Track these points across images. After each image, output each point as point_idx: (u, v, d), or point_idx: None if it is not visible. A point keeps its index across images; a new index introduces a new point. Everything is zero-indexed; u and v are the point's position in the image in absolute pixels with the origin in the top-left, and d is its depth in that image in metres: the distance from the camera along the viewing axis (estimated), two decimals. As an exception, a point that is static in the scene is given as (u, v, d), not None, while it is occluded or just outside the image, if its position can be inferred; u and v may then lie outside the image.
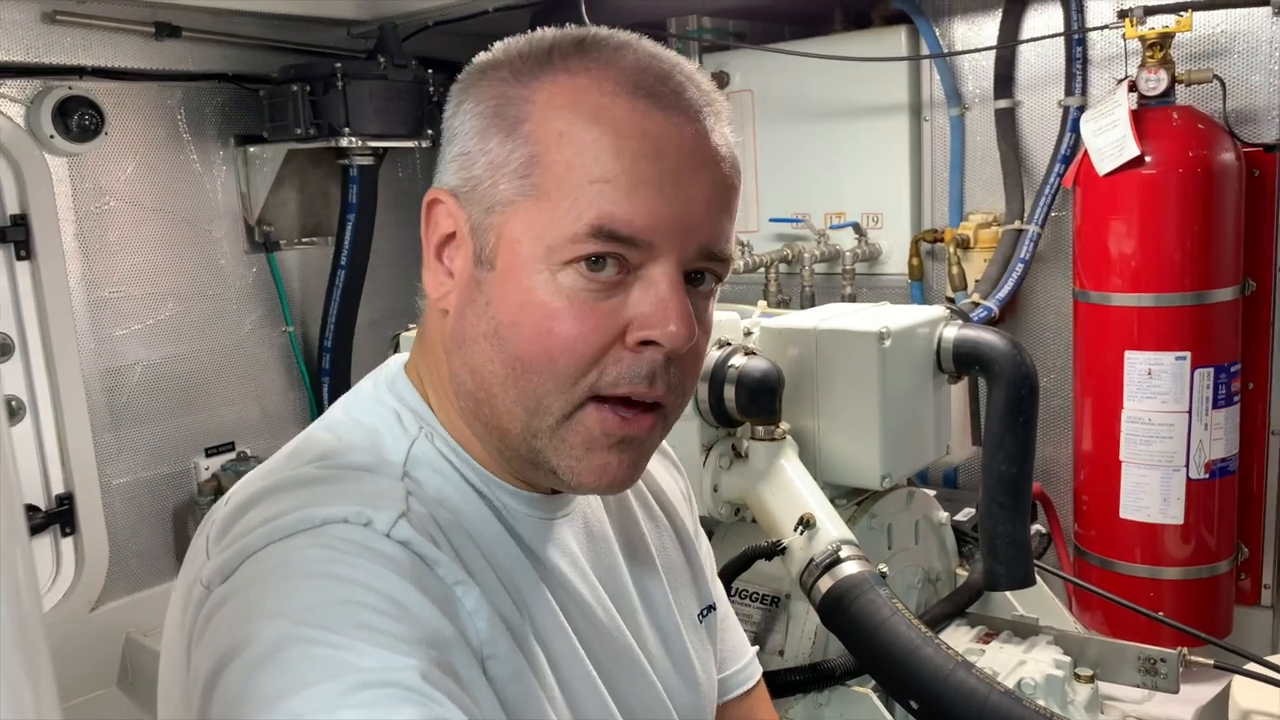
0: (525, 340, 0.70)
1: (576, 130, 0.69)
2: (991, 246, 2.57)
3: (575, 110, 0.69)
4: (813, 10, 2.94)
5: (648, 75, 0.71)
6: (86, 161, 2.59)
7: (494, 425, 0.74)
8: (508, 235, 0.71)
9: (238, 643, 0.61)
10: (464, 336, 0.74)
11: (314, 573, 0.63)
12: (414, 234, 0.78)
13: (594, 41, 0.73)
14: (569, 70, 0.71)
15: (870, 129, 2.80)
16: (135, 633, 2.72)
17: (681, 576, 0.96)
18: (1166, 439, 2.10)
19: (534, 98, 0.71)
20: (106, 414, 2.69)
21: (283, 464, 0.75)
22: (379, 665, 0.58)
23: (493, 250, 0.71)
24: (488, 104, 0.73)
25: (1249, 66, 2.24)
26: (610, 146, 0.68)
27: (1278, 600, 2.35)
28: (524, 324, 0.70)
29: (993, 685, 1.18)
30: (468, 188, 0.73)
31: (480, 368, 0.73)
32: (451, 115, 0.76)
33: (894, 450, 1.53)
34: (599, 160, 0.68)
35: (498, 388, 0.72)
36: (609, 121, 0.69)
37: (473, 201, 0.73)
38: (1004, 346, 1.53)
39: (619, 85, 0.70)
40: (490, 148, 0.71)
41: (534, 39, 0.75)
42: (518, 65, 0.73)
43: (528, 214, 0.70)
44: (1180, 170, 2.05)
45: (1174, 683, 1.52)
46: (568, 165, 0.69)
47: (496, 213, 0.71)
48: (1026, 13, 2.53)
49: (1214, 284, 2.08)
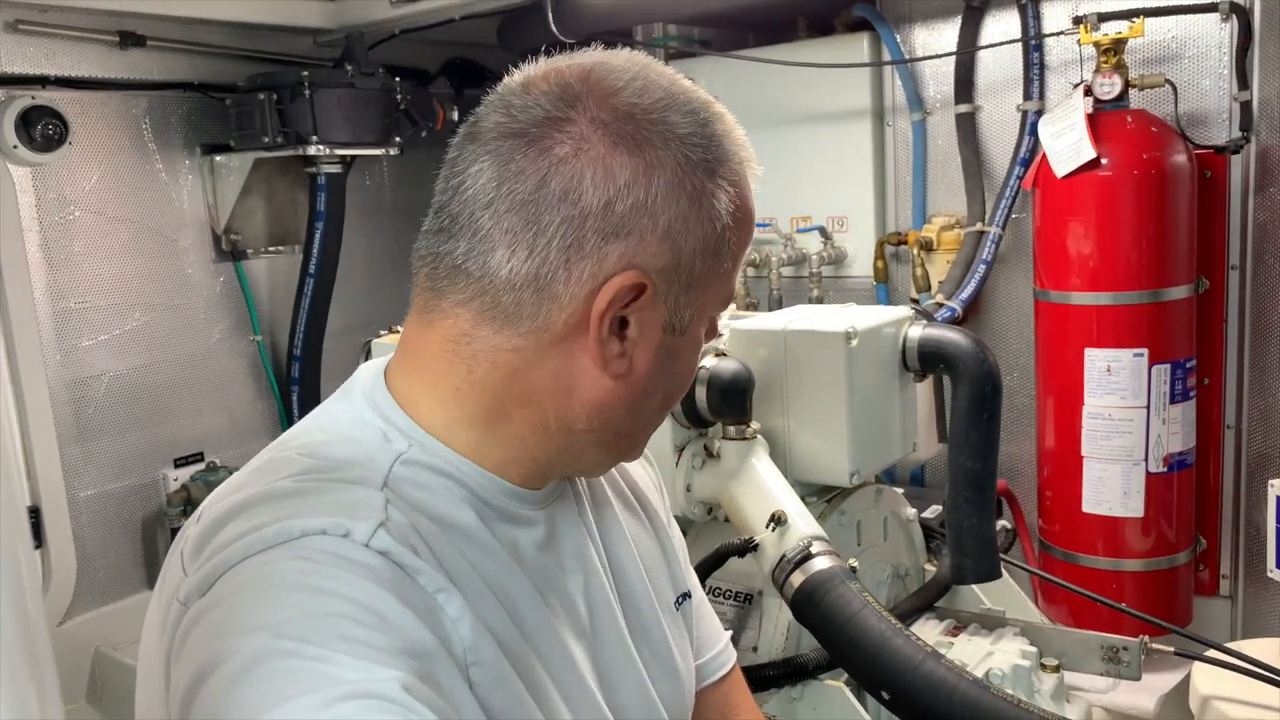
0: (685, 382, 0.84)
1: (745, 222, 0.79)
2: (954, 248, 2.62)
3: (746, 204, 0.78)
4: (776, 18, 2.97)
5: (749, 152, 0.80)
6: (50, 171, 2.57)
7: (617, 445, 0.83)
8: (700, 306, 0.78)
9: (217, 656, 0.60)
10: (645, 395, 0.79)
11: (293, 585, 0.63)
12: (383, 241, 0.78)
13: (723, 120, 0.79)
14: (736, 160, 0.78)
15: (834, 134, 2.84)
16: (104, 646, 2.69)
17: (657, 565, 0.97)
18: (1126, 434, 2.16)
19: (726, 190, 0.76)
20: (73, 425, 2.67)
21: (253, 479, 0.74)
22: (360, 677, 0.58)
23: (689, 321, 0.78)
24: (686, 190, 0.74)
25: (1199, 71, 2.30)
26: (752, 230, 0.81)
27: (1236, 590, 2.41)
28: (688, 372, 0.83)
29: (961, 674, 1.21)
30: (673, 267, 0.75)
31: (645, 411, 0.81)
32: (630, 186, 0.72)
33: (862, 448, 1.56)
34: (748, 240, 0.81)
35: (648, 420, 0.84)
36: (753, 210, 0.81)
37: (676, 279, 0.75)
38: (967, 345, 1.57)
39: (749, 171, 0.79)
40: (699, 234, 0.75)
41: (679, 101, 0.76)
42: (699, 150, 0.75)
43: (713, 287, 0.79)
44: (1135, 172, 2.11)
45: (1136, 670, 1.56)
46: (741, 247, 0.80)
47: (695, 290, 0.77)
48: (985, 19, 2.58)
49: (1169, 282, 2.14)
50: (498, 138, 0.73)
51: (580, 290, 0.72)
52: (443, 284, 0.76)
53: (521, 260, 0.72)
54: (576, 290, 0.72)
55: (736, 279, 0.82)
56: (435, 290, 0.77)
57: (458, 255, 0.74)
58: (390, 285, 3.31)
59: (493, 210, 0.72)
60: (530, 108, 0.73)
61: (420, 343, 0.79)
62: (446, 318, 0.76)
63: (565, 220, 0.71)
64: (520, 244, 0.72)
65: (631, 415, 0.80)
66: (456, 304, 0.76)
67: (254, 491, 0.72)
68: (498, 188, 0.72)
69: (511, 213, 0.72)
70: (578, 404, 0.77)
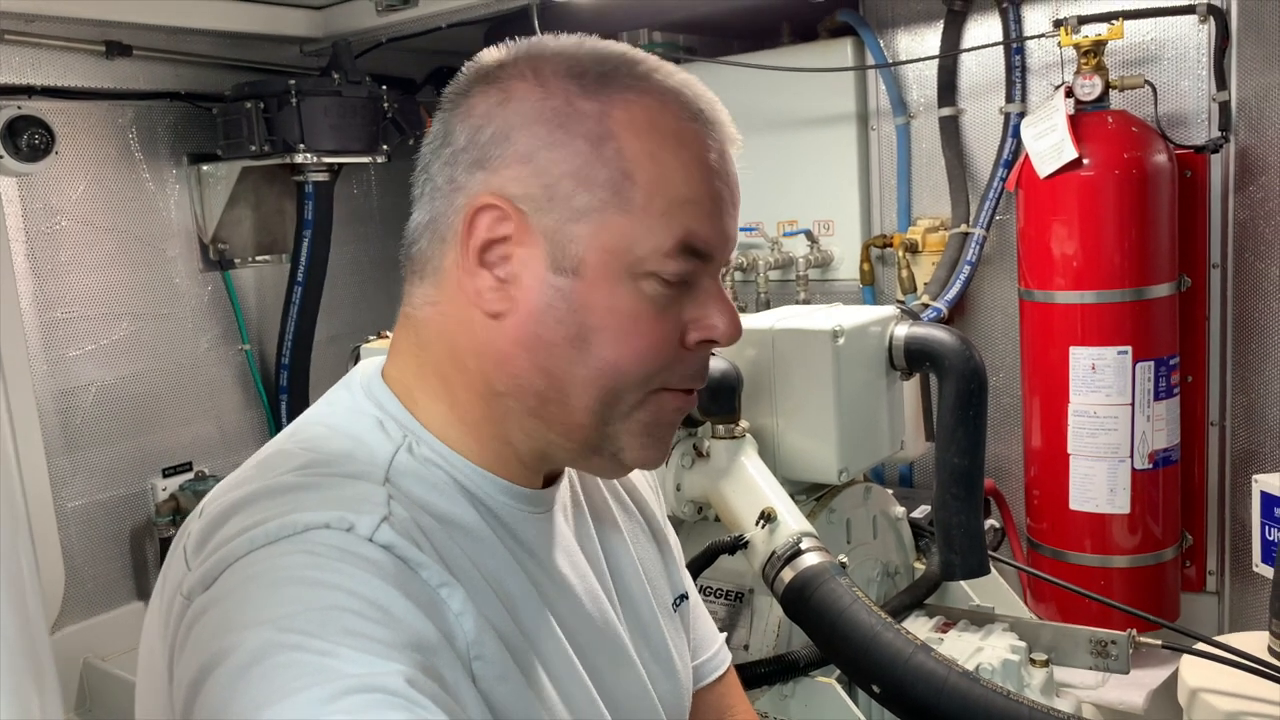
0: (614, 344, 0.74)
1: (665, 153, 0.74)
2: (939, 250, 2.64)
3: (660, 133, 0.74)
4: (761, 25, 3.00)
5: (700, 101, 0.77)
6: (37, 181, 2.57)
7: (561, 421, 0.77)
8: (595, 245, 0.73)
9: (221, 651, 0.60)
10: (539, 341, 0.74)
11: (297, 579, 0.63)
12: (370, 249, 0.80)
13: (636, 60, 0.77)
14: (636, 89, 0.75)
15: (819, 139, 2.86)
16: (93, 657, 2.68)
17: (655, 566, 0.97)
18: (1111, 431, 2.18)
19: (612, 113, 0.73)
20: (60, 436, 2.66)
21: (255, 474, 0.75)
22: (364, 671, 0.58)
23: (578, 259, 0.73)
24: (555, 112, 0.73)
25: (1178, 72, 2.33)
26: (695, 170, 0.75)
27: (1222, 586, 2.43)
28: (612, 329, 0.74)
29: (951, 667, 1.21)
30: (540, 195, 0.73)
31: (559, 369, 0.75)
32: (485, 117, 0.75)
33: (850, 445, 1.57)
34: (687, 182, 0.74)
35: (579, 388, 0.75)
36: (691, 146, 0.75)
37: (546, 210, 0.73)
38: (953, 342, 1.58)
39: (684, 109, 0.76)
40: (569, 158, 0.73)
41: (571, 49, 0.76)
42: (579, 77, 0.74)
43: (617, 226, 0.73)
44: (1117, 172, 2.13)
45: (1124, 664, 1.57)
46: (659, 184, 0.73)
47: (580, 222, 0.73)
48: (967, 23, 2.61)
49: (1152, 280, 2.16)
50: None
51: (456, 225, 0.76)
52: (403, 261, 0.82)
53: (424, 210, 0.78)
54: (456, 228, 0.76)
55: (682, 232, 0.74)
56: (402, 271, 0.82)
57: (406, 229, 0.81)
58: (378, 293, 3.32)
59: (413, 180, 0.80)
60: (450, 90, 0.80)
61: (397, 326, 0.83)
62: (405, 292, 0.82)
63: (445, 162, 0.76)
64: (423, 196, 0.79)
65: (542, 373, 0.75)
66: (406, 274, 0.81)
67: (257, 486, 0.72)
68: (420, 157, 0.80)
69: (418, 175, 0.79)
70: (488, 358, 0.77)
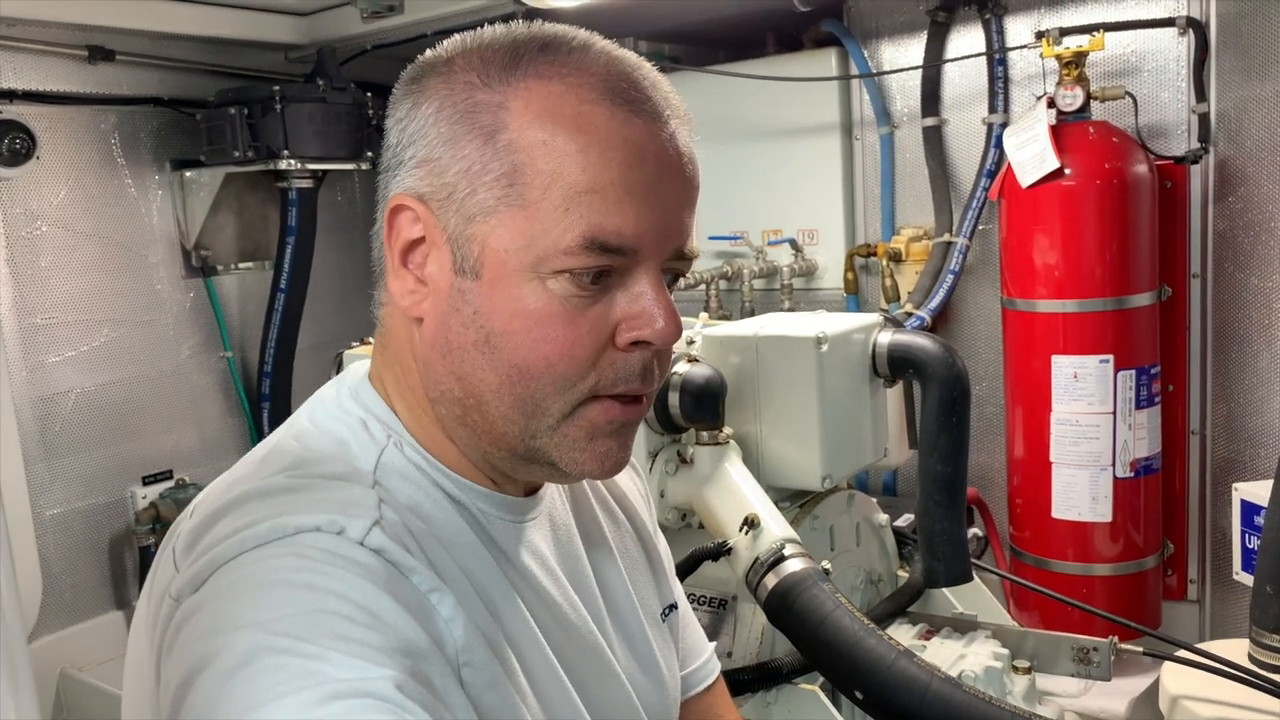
0: (521, 348, 0.70)
1: (560, 139, 0.69)
2: (922, 259, 2.65)
3: (556, 119, 0.69)
4: (746, 34, 3.01)
5: (620, 80, 0.71)
6: (17, 186, 2.55)
7: (485, 430, 0.74)
8: (493, 245, 0.70)
9: (209, 653, 0.60)
10: (449, 346, 0.73)
11: (287, 582, 0.63)
12: (354, 256, 0.80)
13: (558, 41, 0.72)
14: (541, 75, 0.70)
15: (804, 148, 2.88)
16: (70, 668, 2.65)
17: (644, 576, 0.97)
18: (1093, 439, 2.19)
19: (509, 104, 0.70)
20: (39, 443, 2.63)
21: (252, 473, 0.74)
22: (353, 675, 0.58)
23: (478, 260, 0.71)
24: (455, 108, 0.71)
25: (1158, 84, 2.36)
26: (597, 156, 0.69)
27: (1203, 594, 2.44)
28: (517, 332, 0.70)
29: (934, 672, 1.21)
30: (441, 195, 0.71)
31: (470, 375, 0.72)
32: (405, 118, 0.74)
33: (834, 452, 1.57)
34: (586, 170, 0.68)
35: (491, 395, 0.72)
36: (592, 130, 0.69)
37: (447, 209, 0.71)
38: (936, 349, 1.59)
39: (595, 91, 0.70)
40: (465, 154, 0.70)
41: (491, 39, 0.74)
42: (479, 68, 0.72)
43: (514, 223, 0.69)
44: (1098, 181, 2.15)
45: (1107, 670, 1.58)
46: (554, 175, 0.69)
47: (478, 221, 0.70)
48: (950, 34, 2.63)
49: (1133, 289, 2.18)
50: None
51: (384, 227, 0.76)
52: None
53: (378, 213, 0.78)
54: (383, 228, 0.76)
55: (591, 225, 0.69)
56: None
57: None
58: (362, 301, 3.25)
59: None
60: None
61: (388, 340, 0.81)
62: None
63: (383, 168, 0.77)
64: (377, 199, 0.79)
65: (455, 378, 0.73)
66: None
67: (247, 488, 0.71)
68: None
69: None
70: (418, 362, 0.77)
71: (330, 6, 2.86)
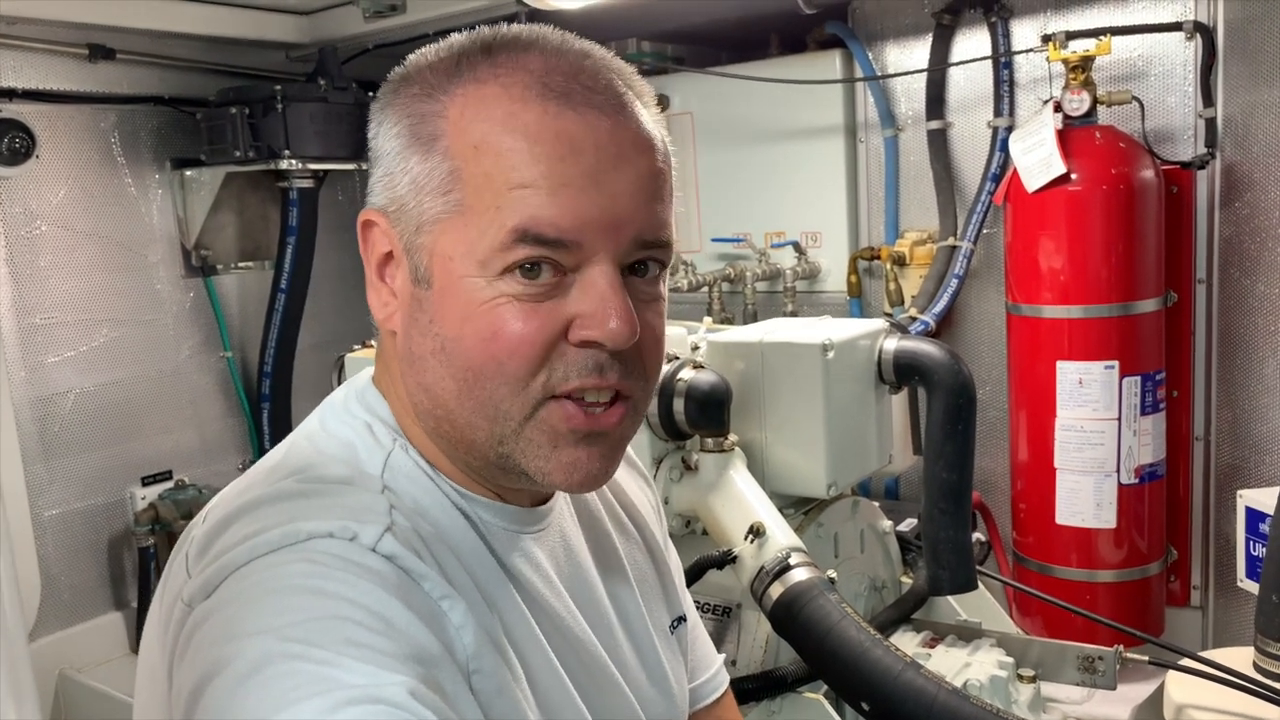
0: (471, 351, 0.70)
1: (490, 140, 0.69)
2: (927, 263, 2.64)
3: (488, 121, 0.69)
4: (749, 36, 3.00)
5: (556, 74, 0.70)
6: (17, 185, 2.54)
7: (458, 439, 0.74)
8: (440, 252, 0.71)
9: (221, 659, 0.60)
10: (413, 356, 0.74)
11: (299, 588, 0.63)
12: (355, 256, 0.79)
13: (501, 43, 0.72)
14: (477, 79, 0.71)
15: (808, 150, 2.86)
16: (69, 669, 2.64)
17: (653, 589, 0.96)
18: (1098, 445, 2.18)
19: (447, 112, 0.71)
20: (38, 443, 2.62)
21: (264, 478, 0.74)
22: (366, 682, 0.58)
23: (428, 269, 0.72)
24: (404, 122, 0.73)
25: (1165, 88, 2.35)
26: (525, 152, 0.68)
27: (1206, 601, 2.43)
28: (468, 335, 0.70)
29: (941, 684, 1.20)
30: (395, 208, 0.73)
31: (433, 385, 0.73)
32: (374, 135, 0.76)
33: (839, 459, 1.56)
34: (516, 168, 0.68)
35: (454, 402, 0.72)
36: (521, 128, 0.69)
37: (402, 221, 0.73)
38: (942, 356, 1.58)
39: (528, 89, 0.69)
40: (411, 166, 0.72)
41: (444, 48, 0.75)
42: (428, 79, 0.73)
43: (455, 230, 0.70)
44: (1104, 186, 2.14)
45: (1112, 680, 1.57)
46: (486, 176, 0.69)
47: (426, 231, 0.71)
48: (956, 37, 2.61)
49: (1138, 295, 2.17)
50: None
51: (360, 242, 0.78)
52: None
53: None
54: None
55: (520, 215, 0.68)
56: None
57: None
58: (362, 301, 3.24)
59: None
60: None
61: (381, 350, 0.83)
62: None
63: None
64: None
65: (424, 390, 0.74)
66: None
67: (260, 493, 0.71)
68: None
69: None
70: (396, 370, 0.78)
71: (332, 6, 2.85)
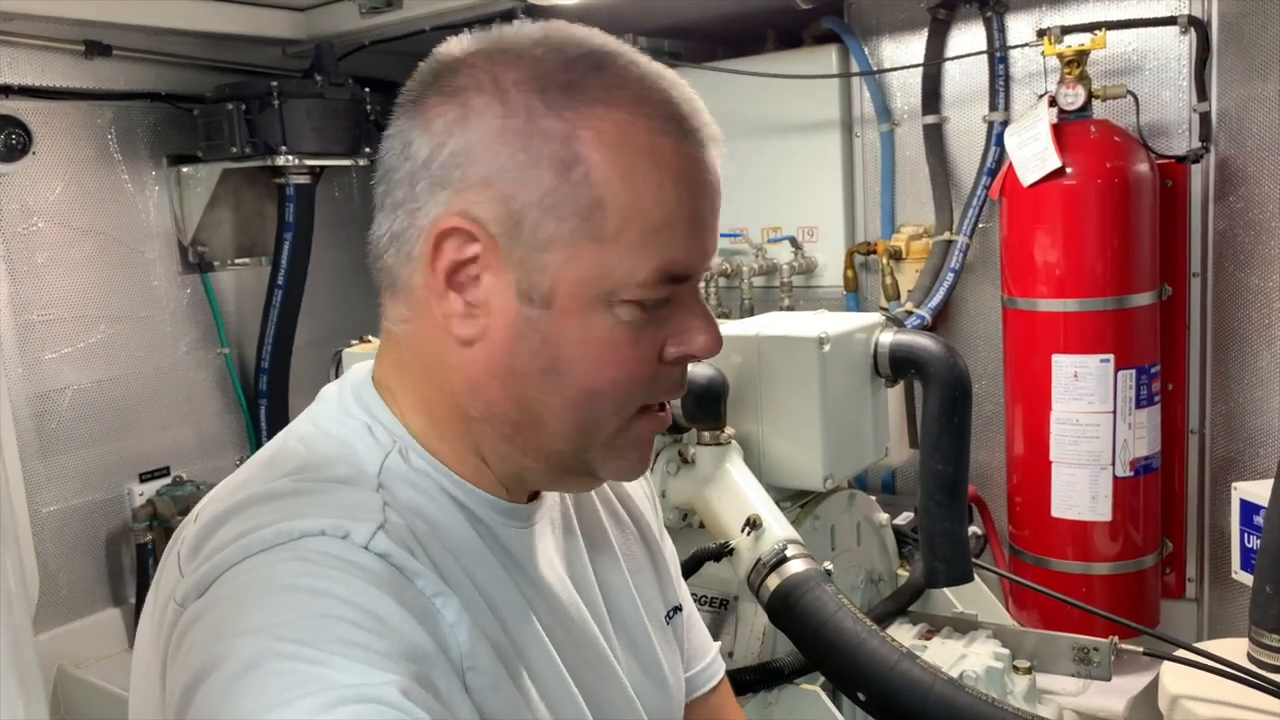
0: (589, 374, 0.72)
1: (637, 174, 0.69)
2: (923, 257, 2.65)
3: (631, 153, 0.70)
4: (746, 31, 3.01)
5: (678, 108, 0.72)
6: (13, 181, 2.54)
7: (534, 448, 0.75)
8: (567, 276, 0.70)
9: (214, 658, 0.60)
10: (512, 372, 0.72)
11: (291, 587, 0.63)
12: (352, 252, 0.78)
13: (607, 61, 0.72)
14: (605, 102, 0.70)
15: (804, 145, 2.87)
16: (68, 664, 2.64)
17: (647, 579, 0.96)
18: (1093, 438, 2.19)
19: (579, 134, 0.69)
20: (35, 440, 2.62)
21: (256, 477, 0.74)
22: (358, 681, 0.58)
23: (548, 290, 0.70)
24: (518, 133, 0.69)
25: (1160, 83, 2.35)
26: (671, 192, 0.70)
27: (1201, 593, 2.44)
28: (588, 359, 0.72)
29: (936, 674, 1.21)
30: (507, 221, 0.70)
31: (532, 400, 0.73)
32: (448, 134, 0.71)
33: (835, 452, 1.57)
34: (662, 205, 0.70)
35: (552, 417, 0.73)
36: (664, 164, 0.70)
37: (514, 237, 0.70)
38: (937, 350, 1.58)
39: (662, 123, 0.71)
40: (538, 185, 0.69)
41: (533, 52, 0.71)
42: (540, 90, 0.70)
43: (589, 256, 0.70)
44: (1099, 180, 2.15)
45: (1107, 670, 1.58)
46: (633, 209, 0.69)
47: (549, 252, 0.70)
48: (951, 32, 2.62)
49: (1133, 289, 2.18)
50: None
51: (425, 246, 0.72)
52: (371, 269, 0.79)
53: (385, 221, 0.75)
54: (422, 246, 0.72)
55: (664, 258, 0.70)
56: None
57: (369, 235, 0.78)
58: (359, 297, 3.29)
59: (375, 184, 0.76)
60: (407, 88, 0.76)
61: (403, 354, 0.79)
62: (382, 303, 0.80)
63: (405, 176, 0.73)
64: (385, 208, 0.75)
65: (514, 402, 0.73)
66: (379, 286, 0.78)
67: (251, 492, 0.71)
68: (380, 162, 0.76)
69: (380, 182, 0.75)
70: (457, 380, 0.75)
71: (328, 1, 2.84)
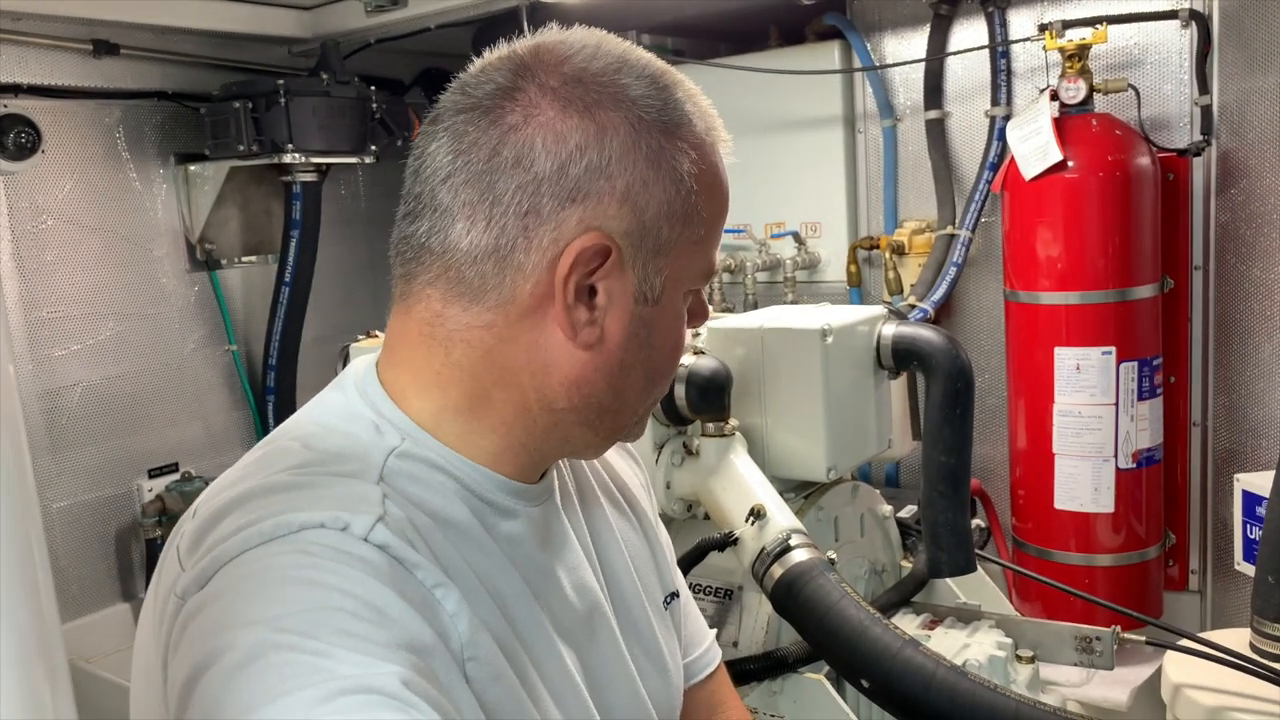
0: (668, 358, 0.82)
1: (716, 184, 0.79)
2: (925, 252, 2.66)
3: (712, 166, 0.78)
4: (749, 28, 3.01)
5: (714, 121, 0.80)
6: (23, 180, 2.56)
7: (609, 425, 0.82)
8: (673, 275, 0.77)
9: (215, 650, 0.60)
10: (620, 365, 0.77)
11: (291, 579, 0.63)
12: (357, 250, 0.79)
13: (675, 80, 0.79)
14: (691, 120, 0.77)
15: (807, 141, 2.88)
16: (78, 659, 2.66)
17: (646, 565, 0.97)
18: (1096, 430, 2.20)
19: (686, 150, 0.75)
20: (46, 436, 2.64)
21: (254, 471, 0.74)
22: (358, 671, 0.58)
23: (661, 289, 0.77)
24: (648, 149, 0.74)
25: (1161, 76, 2.36)
26: (722, 196, 0.80)
27: (1204, 584, 2.45)
28: (668, 346, 0.81)
29: (939, 661, 1.22)
30: (638, 233, 0.74)
31: (627, 386, 0.79)
32: (586, 147, 0.72)
33: (838, 443, 1.58)
34: (721, 211, 0.80)
35: (635, 396, 0.81)
36: (722, 174, 0.80)
37: (639, 245, 0.74)
38: (940, 341, 1.60)
39: (716, 135, 0.79)
40: (660, 197, 0.74)
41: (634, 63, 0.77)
42: (657, 107, 0.75)
43: (686, 257, 0.78)
44: (1101, 174, 2.16)
45: (1109, 660, 1.59)
46: (711, 214, 0.78)
47: (664, 255, 0.76)
48: (953, 27, 2.63)
49: (1135, 281, 2.19)
50: (453, 114, 0.75)
51: (542, 258, 0.72)
52: (411, 266, 0.77)
53: (480, 231, 0.72)
54: (538, 258, 0.72)
55: (715, 252, 0.81)
56: (407, 274, 0.78)
57: (420, 234, 0.75)
58: (365, 294, 3.32)
59: (450, 184, 0.73)
60: (483, 83, 0.74)
61: (400, 331, 0.79)
62: (419, 301, 0.77)
63: (520, 187, 0.71)
64: (478, 215, 0.72)
65: (613, 391, 0.78)
66: (426, 284, 0.76)
67: (251, 485, 0.71)
68: (453, 161, 0.73)
69: (468, 185, 0.73)
70: (555, 380, 0.76)
71: (334, 0, 2.86)
